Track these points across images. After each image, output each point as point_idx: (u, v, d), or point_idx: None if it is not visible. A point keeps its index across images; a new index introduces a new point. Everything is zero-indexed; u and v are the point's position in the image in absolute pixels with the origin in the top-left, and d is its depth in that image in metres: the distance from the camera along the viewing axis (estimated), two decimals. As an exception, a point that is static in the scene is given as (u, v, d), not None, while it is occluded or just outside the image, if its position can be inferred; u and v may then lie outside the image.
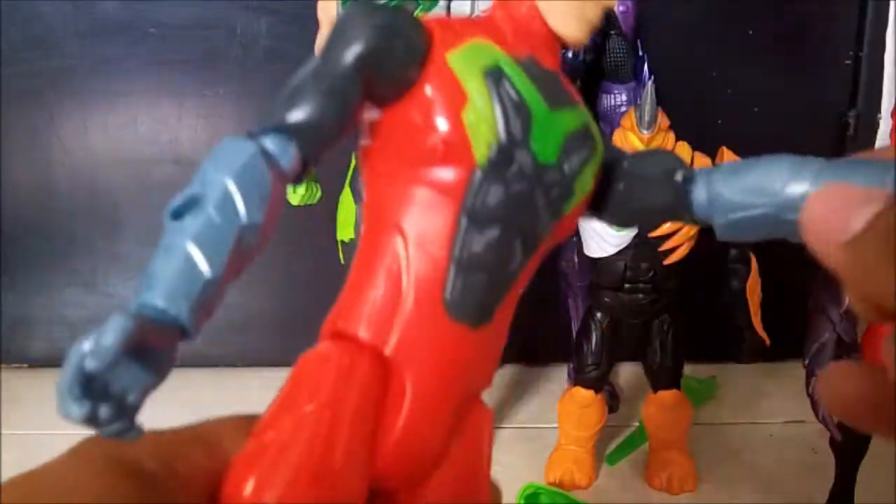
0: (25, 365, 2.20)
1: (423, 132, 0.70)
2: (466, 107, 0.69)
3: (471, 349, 0.70)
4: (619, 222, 0.85)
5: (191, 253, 0.51)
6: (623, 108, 1.92)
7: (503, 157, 0.70)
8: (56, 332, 2.20)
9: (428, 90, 0.69)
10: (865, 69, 2.11)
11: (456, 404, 0.69)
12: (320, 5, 1.80)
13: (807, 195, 0.68)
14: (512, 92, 0.71)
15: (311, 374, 0.59)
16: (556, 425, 1.75)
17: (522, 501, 1.61)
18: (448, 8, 1.54)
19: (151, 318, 0.49)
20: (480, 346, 0.72)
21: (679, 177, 0.78)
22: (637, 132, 1.52)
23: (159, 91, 2.05)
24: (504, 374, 2.20)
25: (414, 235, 0.70)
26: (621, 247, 1.55)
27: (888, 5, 2.09)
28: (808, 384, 1.45)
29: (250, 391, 2.21)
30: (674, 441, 1.72)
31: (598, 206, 0.83)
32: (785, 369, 2.24)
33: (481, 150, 0.70)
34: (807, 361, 1.45)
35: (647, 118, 1.50)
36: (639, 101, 1.53)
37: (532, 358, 2.24)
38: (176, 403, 2.25)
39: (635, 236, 1.54)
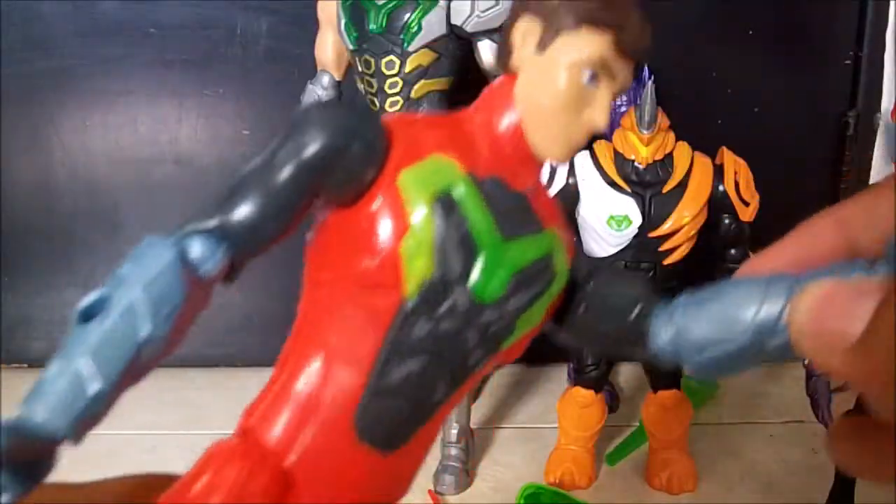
0: (25, 365, 2.20)
1: (361, 251, 0.68)
2: (406, 236, 0.67)
3: (379, 473, 0.70)
4: (579, 344, 0.83)
5: (82, 369, 0.49)
6: (623, 108, 1.92)
7: (435, 294, 0.69)
8: (56, 332, 2.20)
9: (374, 206, 0.67)
10: (865, 69, 2.12)
11: None
12: (320, 5, 1.80)
13: (788, 307, 0.64)
14: (462, 224, 0.69)
15: (214, 471, 0.60)
16: (556, 425, 1.75)
17: (522, 501, 1.61)
18: (448, 8, 1.54)
19: (30, 432, 0.49)
20: (390, 470, 0.71)
21: (638, 312, 0.76)
22: (637, 132, 1.52)
23: (159, 91, 2.05)
24: (504, 374, 2.20)
25: (336, 356, 0.69)
26: (621, 247, 1.55)
27: (888, 5, 2.09)
28: (808, 384, 1.45)
29: (250, 391, 2.22)
30: (674, 441, 1.72)
31: (559, 323, 0.81)
32: (785, 369, 2.24)
33: (413, 283, 0.68)
34: (807, 361, 1.45)
35: (647, 118, 1.50)
36: (639, 101, 1.53)
37: (532, 358, 2.24)
38: (176, 403, 2.23)
39: (635, 236, 1.54)
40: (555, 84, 0.73)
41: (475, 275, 0.70)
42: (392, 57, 1.56)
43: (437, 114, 0.77)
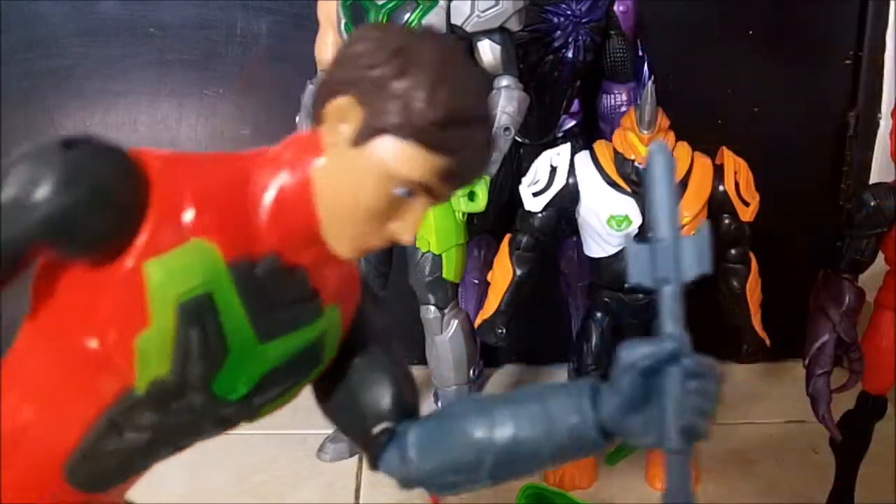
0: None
1: (93, 328, 0.63)
2: (144, 332, 0.63)
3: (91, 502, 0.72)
4: (327, 414, 0.83)
5: None
6: (623, 108, 1.92)
7: (168, 394, 0.66)
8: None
9: (115, 288, 0.61)
10: (865, 69, 2.11)
11: None
12: (320, 5, 1.80)
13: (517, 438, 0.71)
14: (211, 328, 0.64)
15: None
16: (556, 425, 1.75)
17: (522, 501, 1.61)
18: (448, 8, 1.54)
19: None
20: (98, 500, 0.74)
21: (381, 430, 0.77)
22: (637, 132, 1.51)
23: (159, 91, 2.05)
24: (504, 374, 2.20)
25: (47, 408, 0.67)
26: (621, 246, 1.55)
27: (888, 5, 2.09)
28: (808, 384, 1.45)
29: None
30: (674, 441, 1.72)
31: (315, 393, 0.81)
32: (785, 369, 2.24)
33: (144, 380, 0.65)
34: (807, 361, 1.45)
35: (647, 118, 1.50)
36: (639, 101, 1.53)
37: (532, 358, 2.24)
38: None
39: (635, 236, 1.53)
40: (359, 191, 0.66)
41: (219, 378, 0.67)
42: (392, 57, 1.56)
43: (219, 160, 0.69)
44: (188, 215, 0.62)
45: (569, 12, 1.76)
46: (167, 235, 0.61)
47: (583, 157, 1.57)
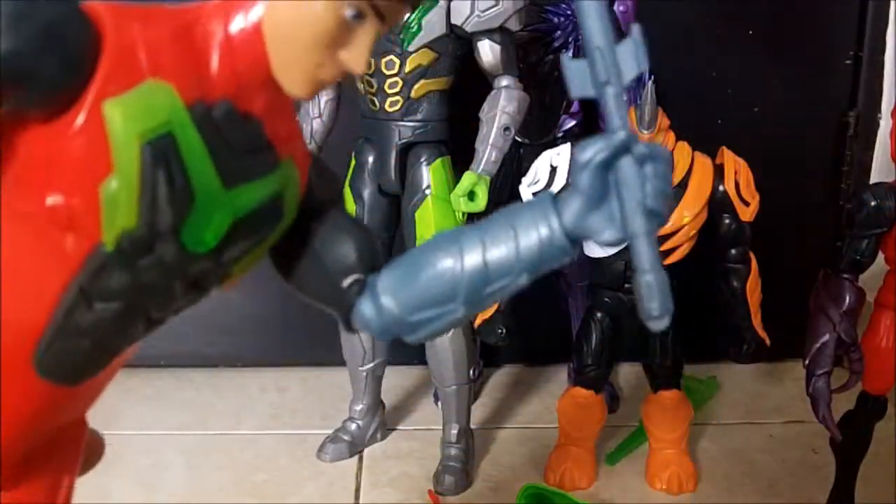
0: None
1: (53, 183, 0.60)
2: (108, 179, 0.60)
3: (61, 402, 0.68)
4: (297, 291, 0.84)
5: None
6: (623, 108, 1.92)
7: (137, 247, 0.63)
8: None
9: (73, 135, 0.59)
10: (865, 69, 2.11)
11: (28, 444, 0.68)
12: (320, 5, 1.80)
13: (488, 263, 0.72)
14: (176, 171, 0.62)
15: None
16: (556, 425, 1.75)
17: (522, 501, 1.61)
18: (448, 8, 1.54)
19: None
20: (72, 398, 0.70)
21: (347, 282, 0.77)
22: (637, 132, 1.51)
23: (159, 91, 2.05)
24: (504, 374, 2.20)
25: (9, 286, 0.63)
26: (621, 247, 1.55)
27: (888, 5, 2.09)
28: (808, 384, 1.45)
29: (250, 391, 2.19)
30: (674, 441, 1.72)
31: (277, 265, 0.82)
32: (785, 369, 2.24)
33: (112, 233, 0.62)
34: (807, 361, 1.45)
35: (647, 118, 1.50)
36: (639, 101, 1.53)
37: (532, 358, 2.24)
38: (176, 403, 2.22)
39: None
40: (309, 16, 0.65)
41: (187, 227, 0.65)
42: (392, 57, 1.56)
43: (168, 8, 0.67)
44: (142, 57, 0.61)
45: (569, 12, 1.76)
46: (123, 77, 0.60)
47: (583, 157, 1.57)
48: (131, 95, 0.60)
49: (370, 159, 1.66)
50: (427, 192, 1.62)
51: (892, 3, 2.08)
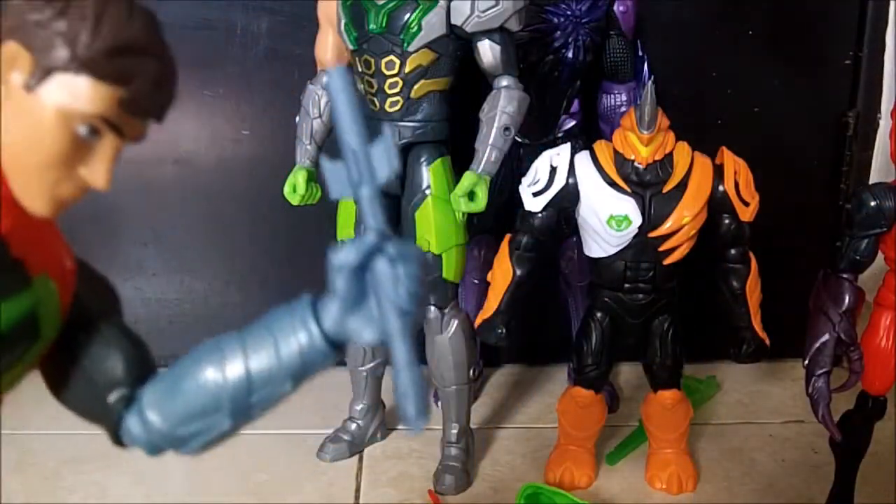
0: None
1: None
2: None
3: None
4: (65, 405, 0.80)
5: None
6: (623, 108, 1.92)
7: None
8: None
9: None
10: (865, 69, 2.11)
11: None
12: (320, 5, 1.80)
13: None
14: None
15: None
16: (556, 425, 1.75)
17: (522, 501, 1.61)
18: (448, 8, 1.54)
19: None
20: None
21: (113, 398, 0.76)
22: (637, 132, 1.51)
23: (159, 91, 2.05)
24: (504, 374, 2.20)
25: None
26: (621, 247, 1.55)
27: (888, 5, 2.09)
28: (807, 384, 1.45)
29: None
30: (674, 441, 1.72)
31: (46, 379, 0.78)
32: (785, 369, 2.24)
33: None
34: (807, 361, 1.45)
35: (647, 118, 1.50)
36: (639, 101, 1.53)
37: (532, 358, 2.24)
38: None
39: (635, 236, 1.54)
40: (41, 136, 0.64)
41: None
42: (392, 57, 1.56)
43: None
44: None
45: (569, 12, 1.76)
46: None
47: (583, 157, 1.57)
48: None
49: (370, 159, 1.66)
50: (427, 192, 1.62)
51: (893, 3, 2.08)
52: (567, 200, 1.56)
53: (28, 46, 0.65)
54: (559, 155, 1.57)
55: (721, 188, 1.55)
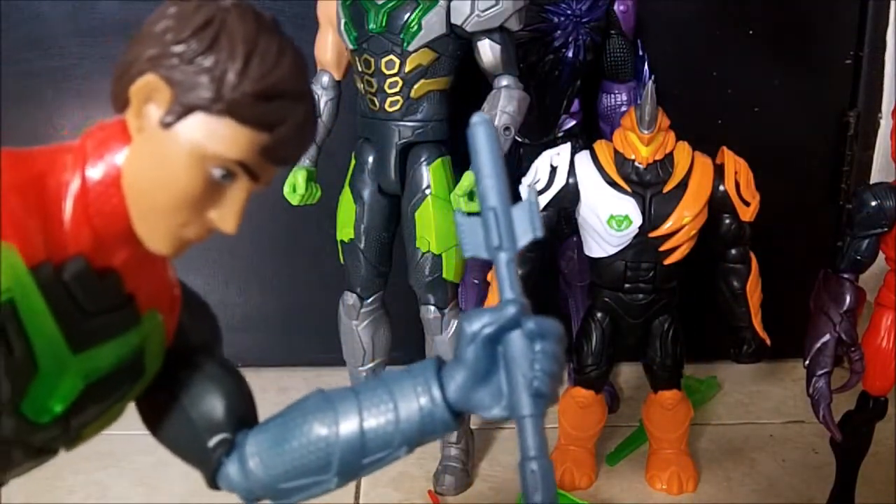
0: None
1: None
2: None
3: None
4: (161, 443, 0.79)
5: None
6: (623, 108, 1.92)
7: None
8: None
9: None
10: (865, 69, 2.11)
11: None
12: (320, 5, 1.80)
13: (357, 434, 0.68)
14: (15, 339, 0.57)
15: None
16: (556, 425, 1.75)
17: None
18: (448, 8, 1.54)
19: None
20: None
21: (218, 442, 0.73)
22: (637, 132, 1.51)
23: (159, 91, 2.05)
24: (504, 374, 2.20)
25: None
26: (622, 247, 1.55)
27: (888, 5, 2.09)
28: (808, 384, 1.45)
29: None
30: (674, 441, 1.72)
31: (143, 417, 0.77)
32: (785, 369, 2.24)
33: None
34: (807, 361, 1.45)
35: (647, 118, 1.50)
36: (639, 101, 1.53)
37: (532, 358, 2.24)
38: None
39: (636, 236, 1.53)
40: (173, 176, 0.61)
41: (30, 397, 0.60)
42: (392, 56, 1.56)
43: (14, 157, 0.62)
44: None
45: (569, 12, 1.76)
46: None
47: (583, 157, 1.57)
48: None
49: (370, 159, 1.66)
50: (427, 191, 1.62)
51: (893, 3, 2.08)
52: (567, 200, 1.56)
53: (169, 80, 0.61)
54: (559, 155, 1.57)
55: (721, 188, 1.55)
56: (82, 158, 0.62)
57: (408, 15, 1.53)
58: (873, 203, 1.35)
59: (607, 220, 1.53)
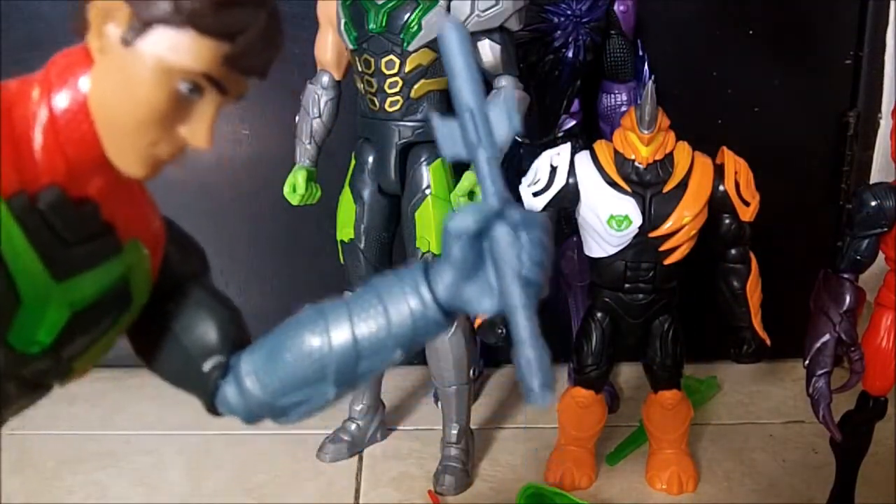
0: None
1: None
2: None
3: None
4: (155, 373, 0.77)
5: None
6: (623, 108, 1.92)
7: None
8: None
9: None
10: (865, 69, 2.11)
11: None
12: (320, 5, 1.80)
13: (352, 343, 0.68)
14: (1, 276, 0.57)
15: None
16: (556, 425, 1.75)
17: (522, 501, 1.61)
18: (448, 8, 1.54)
19: None
20: None
21: (208, 366, 0.73)
22: (637, 132, 1.51)
23: (159, 91, 2.05)
24: (504, 375, 2.20)
25: None
26: (622, 247, 1.55)
27: (888, 5, 2.09)
28: (808, 384, 1.45)
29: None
30: (674, 441, 1.72)
31: (134, 345, 0.76)
32: (785, 369, 2.24)
33: None
34: (807, 361, 1.45)
35: (647, 118, 1.50)
36: (639, 101, 1.53)
37: (532, 358, 2.24)
38: (176, 404, 2.22)
39: (636, 236, 1.53)
40: (138, 93, 0.60)
41: (16, 328, 0.60)
42: (392, 56, 1.56)
43: None
44: None
45: (569, 12, 1.76)
46: None
47: (583, 157, 1.57)
48: None
49: (370, 159, 1.66)
50: (427, 191, 1.62)
51: (893, 3, 2.08)
52: (567, 200, 1.56)
53: None
54: (559, 155, 1.57)
55: (721, 188, 1.55)
56: (47, 87, 0.62)
57: (408, 15, 1.53)
58: (873, 203, 1.35)
59: (607, 220, 1.53)
